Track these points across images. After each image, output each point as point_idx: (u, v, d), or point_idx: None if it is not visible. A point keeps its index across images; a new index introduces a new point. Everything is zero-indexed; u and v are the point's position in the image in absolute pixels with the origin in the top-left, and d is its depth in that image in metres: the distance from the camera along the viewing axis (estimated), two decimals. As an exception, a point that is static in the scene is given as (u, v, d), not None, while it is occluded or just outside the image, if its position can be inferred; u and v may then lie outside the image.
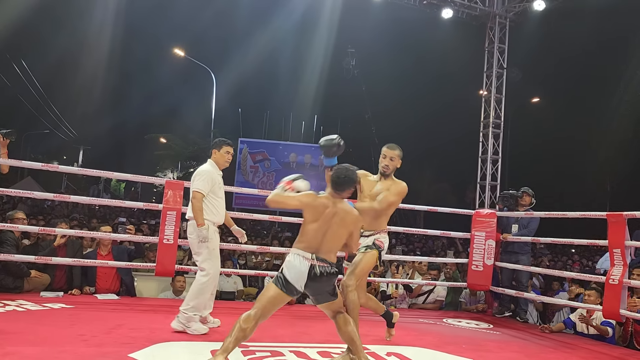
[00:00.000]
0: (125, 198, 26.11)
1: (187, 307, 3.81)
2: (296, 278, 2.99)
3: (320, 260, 3.01)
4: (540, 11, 11.15)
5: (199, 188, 3.96)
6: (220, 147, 4.18)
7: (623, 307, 4.55)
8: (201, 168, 4.11)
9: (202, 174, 4.02)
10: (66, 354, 3.07)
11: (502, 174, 11.72)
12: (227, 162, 4.24)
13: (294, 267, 3.00)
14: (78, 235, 5.56)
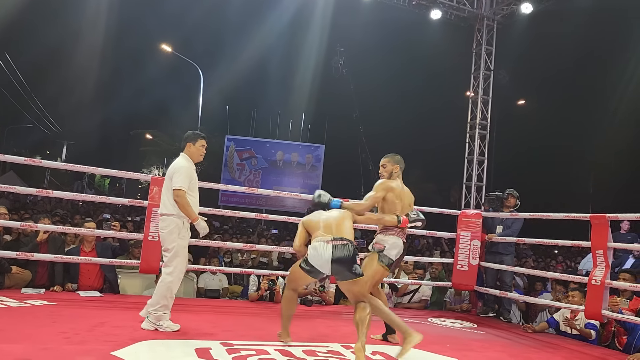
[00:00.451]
0: (110, 194, 25.86)
1: (156, 307, 3.76)
2: (322, 263, 3.47)
3: (337, 240, 3.50)
4: (527, 14, 11.25)
5: (181, 185, 3.87)
6: (195, 140, 4.10)
7: (605, 307, 4.61)
8: (178, 163, 4.00)
9: (181, 170, 3.93)
10: (48, 351, 3.03)
11: (487, 175, 11.80)
12: (202, 156, 4.16)
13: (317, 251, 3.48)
14: (60, 232, 5.48)
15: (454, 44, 13.79)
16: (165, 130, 24.45)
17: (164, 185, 4.01)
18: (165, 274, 3.85)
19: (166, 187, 3.96)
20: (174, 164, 4.02)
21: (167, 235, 3.86)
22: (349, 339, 4.06)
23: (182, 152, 4.12)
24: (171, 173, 3.95)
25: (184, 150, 4.10)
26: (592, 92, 22.60)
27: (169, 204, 3.91)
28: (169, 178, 3.96)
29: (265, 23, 21.33)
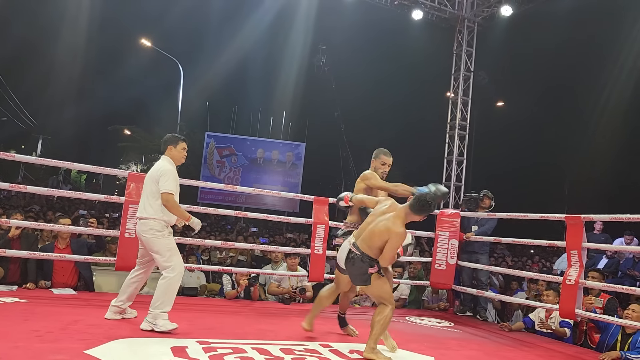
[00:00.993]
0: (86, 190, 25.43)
1: (156, 305, 3.71)
2: (340, 256, 3.66)
3: (355, 247, 3.56)
4: (507, 16, 11.40)
5: (169, 189, 3.85)
6: (176, 143, 4.06)
7: (578, 306, 4.70)
8: (163, 167, 3.95)
9: (167, 173, 3.89)
10: (19, 350, 2.96)
11: (466, 175, 11.94)
12: (184, 158, 4.13)
13: (342, 247, 3.67)
14: (34, 228, 5.37)
15: (435, 44, 13.91)
16: (144, 126, 24.15)
17: (144, 189, 3.94)
18: (166, 274, 3.81)
19: (149, 190, 3.90)
20: (158, 168, 3.96)
21: (153, 239, 3.83)
22: (327, 338, 4.06)
23: (162, 154, 4.07)
24: (156, 176, 3.89)
25: (165, 153, 4.05)
26: (569, 95, 23.01)
27: (150, 207, 3.86)
28: (152, 181, 3.90)
29: (248, 20, 21.18)
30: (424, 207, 3.45)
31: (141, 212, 3.90)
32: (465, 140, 11.88)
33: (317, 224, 5.65)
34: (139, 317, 3.95)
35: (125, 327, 3.76)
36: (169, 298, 3.76)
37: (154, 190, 3.88)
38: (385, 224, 3.47)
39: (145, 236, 3.86)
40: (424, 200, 3.44)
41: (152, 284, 5.74)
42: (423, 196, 3.47)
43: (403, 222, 3.51)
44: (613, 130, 20.69)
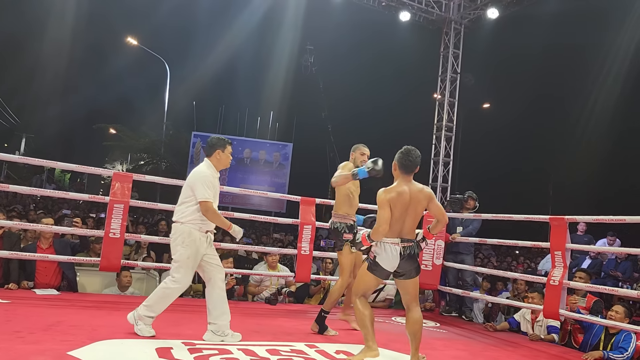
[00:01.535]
0: (70, 189, 25.12)
1: (146, 305, 3.62)
2: (390, 264, 3.35)
3: (405, 242, 3.35)
4: (493, 19, 11.50)
5: (207, 197, 3.65)
6: (224, 147, 3.82)
7: (562, 307, 4.74)
8: (202, 172, 3.73)
9: (204, 180, 3.68)
10: (1, 351, 2.91)
11: (452, 177, 12.02)
12: (229, 163, 3.91)
13: (389, 254, 3.33)
14: (18, 228, 5.29)
15: (422, 46, 13.99)
16: (129, 125, 23.93)
17: (182, 193, 3.76)
18: (170, 281, 3.67)
19: (183, 194, 3.74)
20: (196, 173, 3.75)
21: (175, 244, 3.68)
22: (313, 338, 4.06)
23: (207, 158, 3.84)
24: (192, 183, 3.70)
25: (211, 157, 3.81)
26: (555, 97, 23.29)
27: (181, 213, 3.71)
28: (188, 187, 3.72)
29: (236, 20, 21.11)
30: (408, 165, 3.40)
31: (175, 216, 3.76)
32: (452, 142, 11.95)
33: (303, 224, 5.64)
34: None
35: (108, 328, 3.71)
36: (160, 306, 3.65)
37: (189, 195, 3.70)
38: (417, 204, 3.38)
39: (171, 239, 3.73)
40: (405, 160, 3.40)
41: (137, 284, 5.71)
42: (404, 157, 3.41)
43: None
44: (598, 133, 21.00)
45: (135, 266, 5.56)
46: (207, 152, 3.86)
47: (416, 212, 3.40)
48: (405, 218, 3.36)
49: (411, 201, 3.35)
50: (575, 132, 21.53)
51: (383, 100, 24.32)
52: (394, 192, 3.34)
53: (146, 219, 14.06)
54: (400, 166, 3.40)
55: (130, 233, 5.69)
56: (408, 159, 3.37)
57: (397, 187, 3.36)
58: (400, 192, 3.34)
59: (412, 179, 3.42)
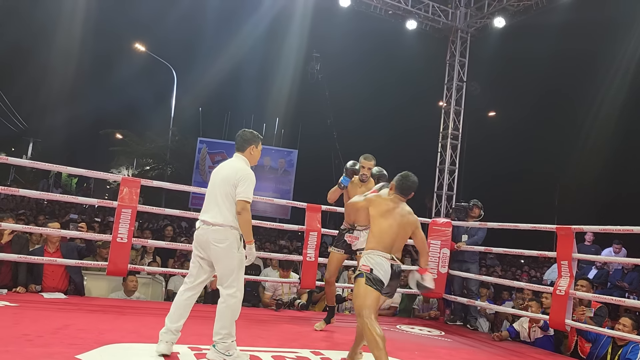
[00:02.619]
0: (77, 194, 25.25)
1: (222, 335, 3.26)
2: (386, 277, 3.34)
3: (395, 260, 3.39)
4: (500, 28, 11.53)
5: (249, 197, 3.32)
6: (258, 143, 3.56)
7: (569, 317, 4.73)
8: (244, 170, 3.40)
9: (249, 178, 3.36)
10: (10, 354, 2.93)
11: (458, 185, 12.01)
12: (257, 162, 3.65)
13: (382, 267, 3.33)
14: (25, 231, 5.33)
15: (429, 54, 14.02)
16: (136, 130, 24.03)
17: (214, 190, 3.40)
18: (228, 295, 3.30)
19: (224, 192, 3.34)
20: (238, 169, 3.40)
21: (227, 250, 3.29)
22: (318, 345, 4.06)
23: (239, 153, 3.53)
24: (235, 179, 3.33)
25: (244, 152, 3.51)
26: (561, 105, 23.25)
27: (229, 214, 3.33)
28: (229, 184, 3.34)
29: (242, 27, 21.23)
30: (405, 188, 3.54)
31: (215, 218, 3.33)
32: (458, 150, 11.95)
33: (309, 231, 5.66)
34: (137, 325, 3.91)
35: (115, 332, 3.73)
36: (233, 324, 3.31)
37: (233, 194, 3.33)
38: (406, 225, 3.47)
39: (218, 246, 3.30)
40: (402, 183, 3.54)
41: (142, 289, 5.74)
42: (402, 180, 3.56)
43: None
44: (604, 140, 20.92)
45: (142, 271, 5.58)
46: (239, 146, 3.55)
47: (405, 233, 3.49)
48: (396, 236, 3.41)
49: (399, 218, 3.44)
50: (581, 140, 21.47)
51: (389, 108, 24.34)
52: (384, 200, 3.51)
53: (151, 224, 14.11)
54: (397, 187, 3.52)
55: (137, 238, 5.72)
56: (405, 183, 3.51)
57: (388, 200, 3.51)
58: (390, 201, 3.49)
59: (405, 202, 3.55)
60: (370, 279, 3.30)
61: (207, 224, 3.35)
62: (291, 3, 13.88)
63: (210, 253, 3.35)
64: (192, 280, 3.43)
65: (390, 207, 3.45)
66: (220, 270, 3.35)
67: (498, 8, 11.19)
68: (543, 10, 10.99)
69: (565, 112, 22.89)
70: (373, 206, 3.47)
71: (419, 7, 11.53)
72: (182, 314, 3.37)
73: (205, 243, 3.35)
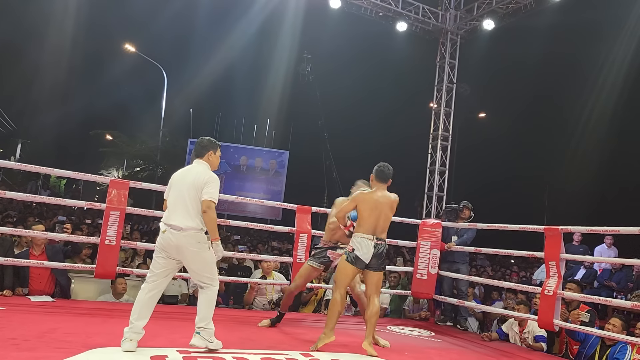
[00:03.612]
0: (66, 196, 25.02)
1: (206, 322, 3.53)
2: (366, 255, 4.01)
3: (378, 240, 4.06)
4: (489, 30, 11.60)
5: (215, 197, 3.54)
6: (216, 149, 3.80)
7: (557, 317, 4.75)
8: (208, 173, 3.62)
9: (214, 181, 3.58)
10: (-6, 359, 2.90)
11: (448, 186, 12.06)
12: (217, 167, 3.85)
13: (365, 247, 4.01)
14: (10, 234, 5.27)
15: (419, 56, 14.09)
16: (126, 131, 23.94)
17: (187, 196, 3.55)
18: (208, 288, 3.59)
19: (192, 197, 3.53)
20: (203, 173, 3.60)
21: (202, 251, 3.53)
22: (308, 347, 4.05)
23: (199, 159, 3.74)
24: (201, 182, 3.54)
25: (203, 158, 3.73)
26: (550, 107, 23.44)
27: (198, 218, 3.53)
28: (196, 188, 3.53)
29: (233, 28, 21.19)
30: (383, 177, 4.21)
31: (184, 222, 3.50)
32: (448, 151, 12.01)
33: (299, 232, 5.65)
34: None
35: (103, 335, 3.70)
36: (212, 312, 3.59)
37: (196, 197, 3.54)
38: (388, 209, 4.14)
39: (191, 249, 3.50)
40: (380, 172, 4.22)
41: (131, 291, 5.69)
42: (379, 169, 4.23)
43: None
44: (593, 142, 21.12)
45: (131, 273, 5.54)
46: (198, 153, 3.76)
47: (386, 215, 4.12)
48: (378, 219, 4.07)
49: (380, 205, 4.08)
50: (571, 141, 21.65)
51: (379, 109, 24.42)
52: (365, 194, 4.14)
53: (141, 226, 14.03)
54: (375, 177, 4.21)
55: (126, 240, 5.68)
56: (382, 172, 4.20)
57: (370, 192, 4.17)
58: (370, 195, 4.12)
59: (385, 188, 4.21)
60: (351, 256, 4.05)
61: (176, 229, 3.52)
62: (282, 4, 13.87)
63: (185, 256, 3.55)
64: (154, 279, 3.59)
65: (372, 198, 4.08)
66: (198, 270, 3.60)
67: (487, 10, 11.27)
68: (532, 12, 11.08)
69: (556, 113, 23.09)
70: (359, 202, 4.09)
71: (409, 9, 11.59)
72: (146, 313, 3.53)
73: (176, 247, 3.52)
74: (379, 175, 4.18)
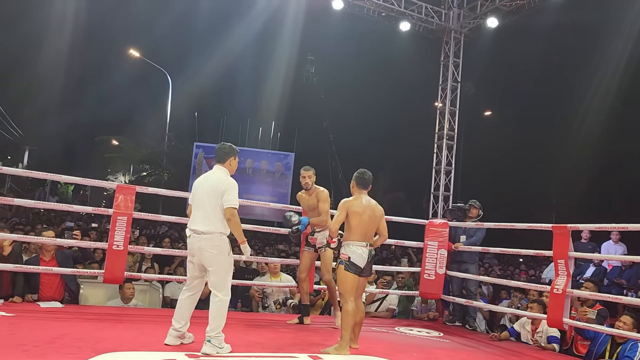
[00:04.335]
0: (74, 201, 25.17)
1: (217, 331, 3.57)
2: (362, 262, 4.08)
3: (370, 246, 4.14)
4: (493, 28, 11.56)
5: (236, 203, 3.67)
6: (236, 154, 3.95)
7: (566, 315, 4.73)
8: (228, 180, 3.75)
9: (233, 187, 3.71)
10: (4, 365, 2.92)
11: (454, 185, 12.02)
12: (234, 172, 3.98)
13: (359, 255, 4.07)
14: (19, 240, 5.31)
15: (423, 55, 14.06)
16: (131, 137, 24.03)
17: (207, 202, 3.69)
18: (220, 295, 3.63)
19: (212, 203, 3.68)
20: (223, 179, 3.74)
21: (219, 255, 3.64)
22: (316, 350, 4.04)
23: (219, 164, 3.88)
24: (221, 189, 3.68)
25: (224, 163, 3.87)
26: (556, 104, 23.30)
27: (218, 222, 3.67)
28: (216, 194, 3.68)
29: (236, 31, 21.22)
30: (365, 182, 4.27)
31: (206, 227, 3.66)
32: (454, 150, 11.97)
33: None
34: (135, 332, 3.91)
35: (113, 340, 3.71)
36: (224, 320, 3.63)
37: (220, 204, 3.67)
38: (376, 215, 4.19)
39: (210, 252, 3.64)
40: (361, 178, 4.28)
41: (139, 296, 5.72)
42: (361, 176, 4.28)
43: None
44: (600, 139, 20.98)
45: (139, 278, 5.56)
46: (219, 159, 3.90)
47: (376, 221, 4.19)
48: (368, 225, 4.13)
49: (369, 211, 4.14)
50: (578, 138, 21.51)
51: (384, 110, 24.36)
52: (352, 200, 4.17)
53: (148, 231, 14.07)
54: (357, 184, 4.26)
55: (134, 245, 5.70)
56: (363, 178, 4.25)
57: (355, 199, 4.19)
58: (357, 202, 4.15)
59: (367, 194, 4.25)
60: (349, 265, 4.06)
61: (197, 233, 3.69)
62: (284, 6, 13.89)
63: (203, 259, 3.68)
64: (189, 282, 3.81)
65: (360, 204, 4.14)
66: (212, 273, 3.67)
67: (491, 8, 11.24)
68: (535, 9, 11.04)
69: (561, 110, 22.96)
70: (348, 208, 4.12)
71: (412, 9, 11.57)
72: (183, 313, 3.73)
73: (197, 250, 3.69)
74: (360, 182, 4.24)
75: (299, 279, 5.25)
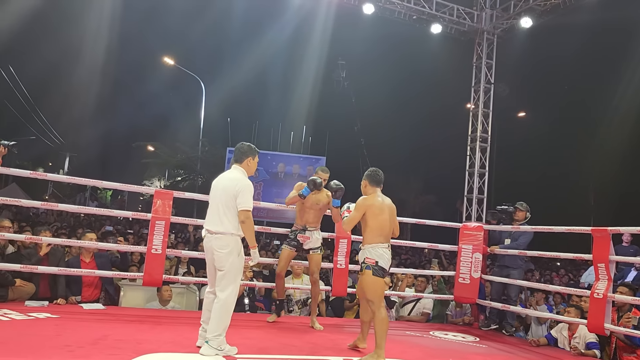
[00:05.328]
0: (112, 206, 25.85)
1: (216, 332, 3.53)
2: (388, 265, 3.99)
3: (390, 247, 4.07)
4: (527, 28, 11.36)
5: (249, 206, 3.64)
6: (255, 155, 3.88)
7: (607, 321, 4.61)
8: (243, 181, 3.70)
9: (248, 188, 3.66)
10: (52, 365, 3.04)
11: (488, 188, 11.83)
12: (254, 172, 3.96)
13: (386, 258, 3.97)
14: (63, 244, 5.51)
15: (455, 57, 13.91)
16: (166, 142, 24.56)
17: (216, 201, 3.71)
18: (223, 296, 3.60)
19: (225, 203, 3.66)
20: (237, 180, 3.70)
21: (228, 255, 3.62)
22: (351, 353, 4.06)
23: (237, 164, 3.83)
24: (235, 190, 3.65)
25: (242, 164, 3.83)
26: (591, 104, 22.69)
27: (228, 223, 3.65)
28: (230, 195, 3.65)
29: (267, 37, 21.47)
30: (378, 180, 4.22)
31: (217, 227, 3.66)
32: (487, 153, 11.79)
33: (339, 238, 5.68)
34: (173, 334, 3.99)
35: (152, 342, 3.81)
36: (227, 321, 3.60)
37: (232, 204, 3.65)
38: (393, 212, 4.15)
39: (221, 252, 3.63)
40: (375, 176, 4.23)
41: (177, 298, 5.84)
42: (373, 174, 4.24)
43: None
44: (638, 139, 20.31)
45: (177, 281, 5.69)
46: (237, 158, 3.85)
47: (394, 220, 4.15)
48: (390, 225, 4.07)
49: (388, 210, 4.07)
50: (615, 138, 20.88)
51: (416, 112, 24.18)
52: (371, 199, 4.08)
53: (183, 234, 14.34)
54: (371, 181, 4.19)
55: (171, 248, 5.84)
56: (377, 174, 4.20)
57: (373, 197, 4.10)
58: (375, 200, 4.08)
59: (380, 192, 4.17)
60: (377, 269, 3.92)
61: (210, 233, 3.71)
62: (314, 12, 13.97)
63: (214, 258, 3.69)
64: (211, 283, 3.83)
65: (379, 202, 4.06)
66: (220, 273, 3.67)
67: (524, 8, 11.03)
68: (570, 8, 10.77)
69: (597, 111, 22.33)
70: (367, 210, 4.03)
71: (444, 11, 11.47)
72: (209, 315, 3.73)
73: (210, 250, 3.72)
74: (374, 180, 4.19)
75: (277, 276, 5.18)
